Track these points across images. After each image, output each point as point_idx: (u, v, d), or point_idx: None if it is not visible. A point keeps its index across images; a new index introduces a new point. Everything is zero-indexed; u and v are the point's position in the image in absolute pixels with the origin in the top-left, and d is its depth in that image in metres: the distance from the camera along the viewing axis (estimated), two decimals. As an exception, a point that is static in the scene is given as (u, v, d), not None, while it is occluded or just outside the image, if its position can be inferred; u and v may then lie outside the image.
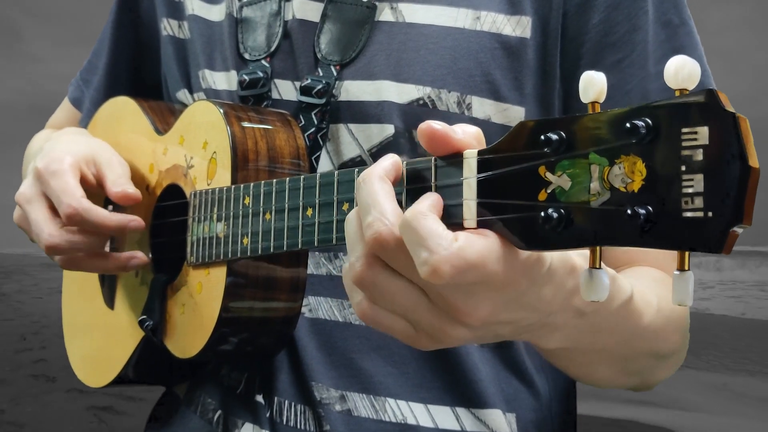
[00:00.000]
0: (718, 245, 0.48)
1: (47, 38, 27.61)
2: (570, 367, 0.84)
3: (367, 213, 0.60)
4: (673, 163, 0.50)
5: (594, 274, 0.55)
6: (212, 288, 0.90)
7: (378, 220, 0.59)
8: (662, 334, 0.83)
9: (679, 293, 0.51)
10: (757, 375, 7.49)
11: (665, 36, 0.95)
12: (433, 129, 0.61)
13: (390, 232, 0.59)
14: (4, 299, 9.04)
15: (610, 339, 0.75)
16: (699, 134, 0.49)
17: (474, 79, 0.94)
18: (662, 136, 0.51)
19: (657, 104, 0.51)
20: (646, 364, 0.88)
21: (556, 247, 0.56)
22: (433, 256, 0.56)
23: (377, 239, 0.59)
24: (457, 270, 0.56)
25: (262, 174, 0.91)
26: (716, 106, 0.49)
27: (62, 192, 0.96)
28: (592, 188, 0.53)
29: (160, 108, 1.10)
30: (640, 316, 0.76)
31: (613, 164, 0.52)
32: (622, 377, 0.87)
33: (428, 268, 0.56)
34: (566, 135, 0.55)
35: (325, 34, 0.98)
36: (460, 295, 0.60)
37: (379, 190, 0.60)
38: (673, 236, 0.50)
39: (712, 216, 0.48)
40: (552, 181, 0.55)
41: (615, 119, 0.53)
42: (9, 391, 4.61)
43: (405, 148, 0.94)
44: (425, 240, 0.56)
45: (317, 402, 0.95)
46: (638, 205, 0.51)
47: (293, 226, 0.79)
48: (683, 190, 0.49)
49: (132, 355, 1.05)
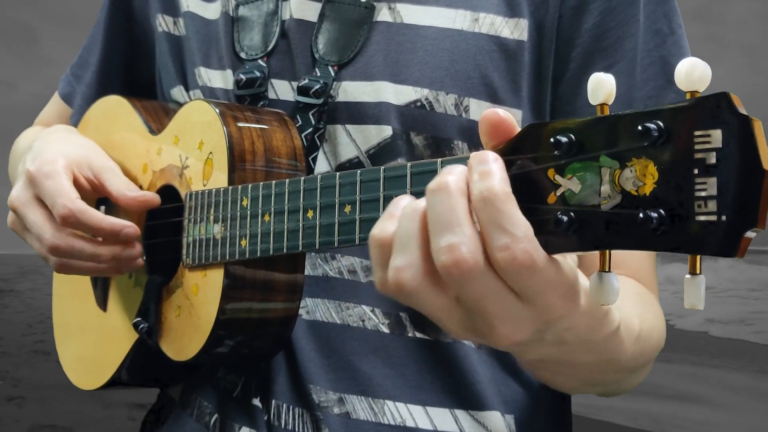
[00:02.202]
0: (731, 249, 0.48)
1: (64, 42, 27.67)
2: (539, 374, 0.85)
3: (448, 231, 0.57)
4: (685, 166, 0.50)
5: (604, 278, 0.55)
6: (209, 290, 0.89)
7: (463, 244, 0.56)
8: (639, 355, 0.83)
9: (691, 296, 0.51)
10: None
11: (654, 45, 0.95)
12: (499, 117, 0.59)
13: (475, 261, 0.56)
14: (18, 295, 11.40)
15: (586, 359, 0.74)
16: (712, 137, 0.49)
17: (472, 81, 0.93)
18: (674, 139, 0.50)
19: (669, 107, 0.51)
20: (614, 378, 0.88)
21: (566, 251, 0.55)
22: (515, 242, 0.55)
23: (458, 265, 0.56)
24: (532, 261, 0.55)
25: (259, 174, 0.90)
26: (730, 108, 0.48)
27: (56, 193, 0.95)
28: (603, 191, 0.53)
29: (153, 107, 1.09)
30: (621, 343, 0.75)
31: (625, 167, 0.52)
32: (588, 387, 0.88)
33: (508, 254, 0.55)
34: (576, 137, 0.54)
35: (323, 34, 0.97)
36: (507, 317, 0.58)
37: (463, 208, 0.57)
38: (686, 240, 0.49)
39: (726, 220, 0.48)
40: (561, 184, 0.55)
41: (626, 122, 0.52)
42: (13, 360, 6.85)
43: (402, 150, 0.94)
44: (506, 223, 0.55)
45: (315, 405, 0.95)
46: (650, 208, 0.51)
47: (293, 228, 0.78)
48: (696, 193, 0.49)
49: (126, 357, 1.04)
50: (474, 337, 0.61)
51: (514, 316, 0.59)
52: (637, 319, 0.81)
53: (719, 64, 21.16)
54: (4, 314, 9.93)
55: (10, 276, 13.90)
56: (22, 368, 6.44)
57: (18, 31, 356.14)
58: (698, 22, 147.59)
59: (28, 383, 5.82)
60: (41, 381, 5.56)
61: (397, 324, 0.95)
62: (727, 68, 52.95)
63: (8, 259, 18.25)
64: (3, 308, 10.46)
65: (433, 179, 0.58)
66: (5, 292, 12.13)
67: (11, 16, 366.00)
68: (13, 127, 5.17)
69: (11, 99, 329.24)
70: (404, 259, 0.59)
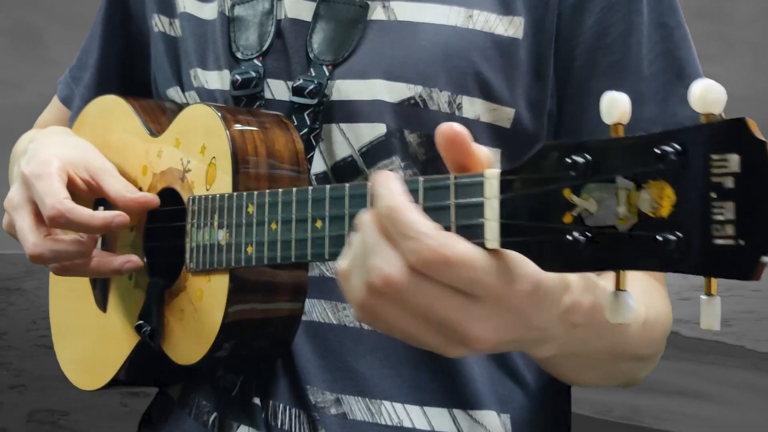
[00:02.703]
0: (749, 273, 0.49)
1: (69, 42, 27.23)
2: (560, 371, 0.86)
3: (370, 256, 0.62)
4: (702, 190, 0.50)
5: (620, 297, 0.56)
6: (214, 295, 0.90)
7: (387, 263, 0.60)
8: (646, 341, 0.86)
9: (708, 318, 0.52)
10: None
11: (659, 37, 0.95)
12: (454, 131, 0.62)
13: (400, 272, 0.60)
14: (24, 293, 12.07)
15: (599, 346, 0.77)
16: (729, 162, 0.49)
17: (465, 78, 0.93)
18: (691, 162, 0.51)
19: (686, 130, 0.51)
20: (629, 367, 0.90)
21: (581, 269, 0.56)
22: (419, 244, 0.59)
23: (387, 282, 0.60)
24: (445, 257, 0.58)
25: (263, 179, 0.90)
26: (747, 134, 0.49)
27: (45, 194, 0.94)
28: (620, 212, 0.53)
29: (151, 107, 1.08)
30: (627, 326, 0.78)
31: (641, 189, 0.53)
32: (607, 380, 0.90)
33: (417, 257, 0.59)
34: (593, 158, 0.55)
35: (318, 34, 0.97)
36: (472, 320, 0.61)
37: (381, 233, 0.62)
38: (703, 263, 0.50)
39: (744, 244, 0.49)
40: (578, 204, 0.55)
41: (643, 144, 0.53)
42: (17, 353, 7.34)
43: (396, 148, 0.94)
44: (410, 228, 0.59)
45: (312, 406, 0.95)
46: (668, 230, 0.51)
47: (301, 238, 0.78)
48: (714, 217, 0.50)
49: (127, 359, 1.04)
50: (462, 349, 0.63)
51: (475, 317, 0.61)
52: (643, 306, 0.83)
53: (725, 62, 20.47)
54: (10, 311, 10.55)
55: (18, 275, 14.57)
56: (25, 360, 6.91)
57: (24, 32, 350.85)
58: (704, 20, 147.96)
59: (29, 374, 6.29)
60: (42, 372, 5.97)
61: None
62: (732, 66, 53.48)
63: (16, 259, 18.81)
64: (9, 305, 11.07)
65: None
66: (12, 291, 12.72)
67: (17, 17, 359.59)
68: (19, 126, 5.29)
69: (17, 99, 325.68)
70: (350, 286, 0.64)
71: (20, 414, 5.14)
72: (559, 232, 0.56)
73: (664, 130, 0.52)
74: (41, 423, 4.97)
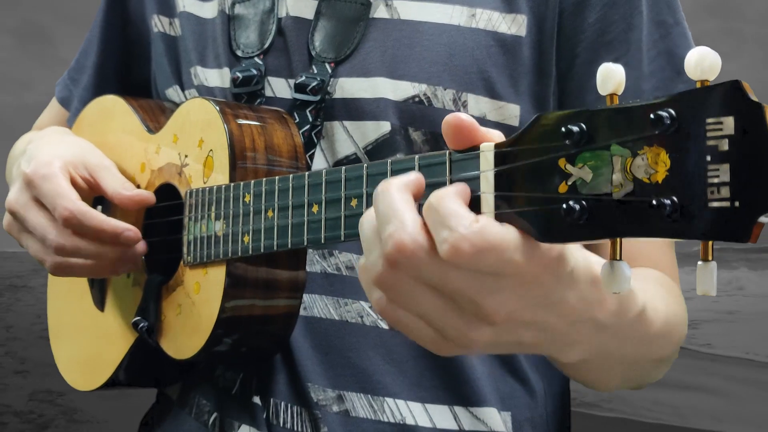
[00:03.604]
0: (744, 235, 0.48)
1: (78, 42, 27.47)
2: (587, 377, 0.84)
3: (387, 223, 0.60)
4: (697, 154, 0.50)
5: (615, 266, 0.55)
6: (211, 288, 0.89)
7: (399, 230, 0.59)
8: (666, 340, 0.84)
9: (704, 283, 0.51)
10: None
11: (659, 35, 0.95)
12: (460, 120, 0.61)
13: (412, 240, 0.59)
14: (30, 291, 12.57)
15: (623, 349, 0.76)
16: (724, 124, 0.49)
17: (470, 76, 0.94)
18: (686, 127, 0.51)
19: (681, 95, 0.51)
20: (646, 369, 0.89)
21: (578, 239, 0.56)
22: (453, 234, 0.57)
23: (399, 248, 0.59)
24: (477, 249, 0.56)
25: (260, 172, 0.90)
26: (742, 96, 0.49)
27: (56, 195, 0.95)
28: (615, 180, 0.53)
29: (149, 106, 1.08)
30: (650, 324, 0.76)
31: (636, 155, 0.52)
32: (623, 383, 0.88)
33: (448, 246, 0.57)
34: (587, 127, 0.54)
35: (320, 32, 0.98)
36: (486, 293, 0.59)
37: (398, 199, 0.60)
38: (699, 226, 0.50)
39: (739, 206, 0.48)
40: (573, 173, 0.55)
41: (638, 111, 0.53)
42: (22, 343, 7.95)
43: (401, 146, 0.94)
44: (446, 219, 0.57)
45: (313, 404, 0.94)
46: (663, 195, 0.51)
47: (298, 223, 0.78)
48: (709, 180, 0.49)
49: (124, 357, 1.03)
50: (476, 325, 0.61)
51: (492, 288, 0.59)
52: (662, 303, 0.81)
53: (736, 58, 19.63)
54: (17, 306, 11.23)
55: (24, 273, 14.94)
56: (29, 349, 7.55)
57: (33, 32, 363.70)
58: (716, 17, 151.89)
59: (32, 361, 6.98)
60: (43, 360, 6.54)
61: None
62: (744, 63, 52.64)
63: (23, 257, 19.49)
64: (17, 301, 11.79)
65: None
66: (19, 288, 13.31)
67: (26, 17, 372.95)
68: (27, 126, 5.21)
69: (27, 99, 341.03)
70: (372, 256, 0.62)
71: (23, 394, 6.06)
72: (555, 202, 0.55)
73: (659, 96, 0.52)
74: (41, 401, 5.82)
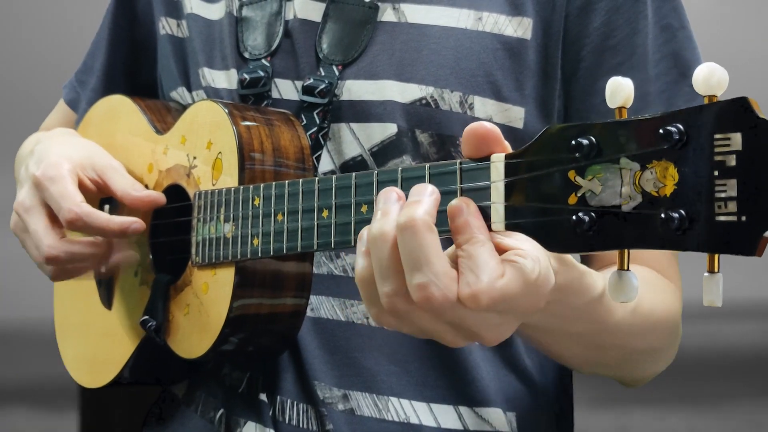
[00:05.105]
0: (751, 249, 0.50)
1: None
2: (540, 346, 0.90)
3: (417, 270, 0.61)
4: (705, 168, 0.51)
5: (623, 276, 0.56)
6: (219, 288, 0.90)
7: (432, 283, 0.61)
8: (637, 331, 0.87)
9: (710, 294, 0.53)
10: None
11: (664, 39, 0.97)
12: (487, 130, 0.63)
13: (444, 296, 0.61)
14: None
15: (576, 328, 0.80)
16: (732, 140, 0.51)
17: (476, 79, 0.95)
18: (694, 142, 0.52)
19: (689, 110, 0.52)
20: (621, 358, 0.92)
21: (585, 250, 0.57)
22: (478, 284, 0.60)
23: (429, 300, 0.61)
24: (493, 302, 0.60)
25: (268, 174, 0.91)
26: (749, 113, 0.50)
27: (61, 197, 0.96)
28: (623, 192, 0.54)
29: (157, 107, 1.09)
30: (609, 313, 0.80)
31: (645, 169, 0.54)
32: (598, 367, 0.93)
33: (469, 291, 0.60)
34: (597, 140, 0.56)
35: (327, 34, 0.99)
36: (487, 327, 0.65)
37: (429, 244, 0.61)
38: (706, 240, 0.51)
39: (746, 220, 0.50)
40: (582, 185, 0.56)
41: (647, 125, 0.54)
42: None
43: (407, 148, 0.95)
44: (477, 268, 0.60)
45: (320, 401, 0.96)
46: (671, 209, 0.52)
47: (308, 227, 0.79)
48: (716, 194, 0.51)
49: (131, 356, 1.04)
50: (467, 342, 0.67)
51: (493, 324, 0.65)
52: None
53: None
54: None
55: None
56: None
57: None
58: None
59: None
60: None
61: None
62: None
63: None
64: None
65: (402, 212, 0.62)
66: None
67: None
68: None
69: None
70: (389, 287, 0.63)
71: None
72: (564, 213, 0.57)
73: (668, 111, 0.53)
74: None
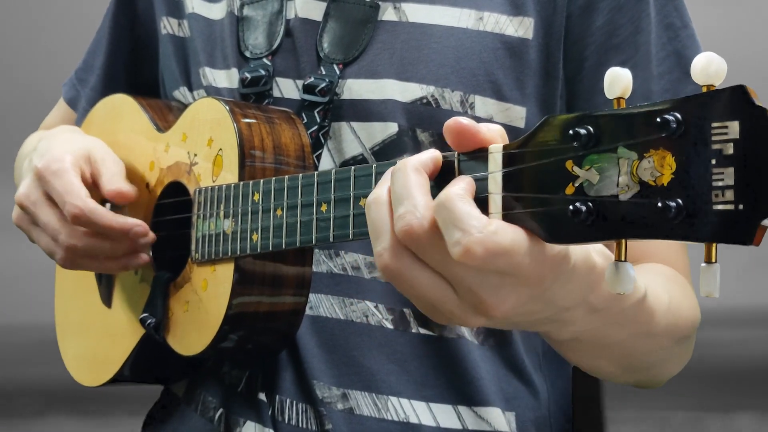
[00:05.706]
0: (748, 238, 0.49)
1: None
2: (575, 358, 0.85)
3: (400, 204, 0.61)
4: (703, 157, 0.51)
5: (620, 267, 0.56)
6: (218, 285, 0.90)
7: (410, 212, 0.60)
8: (671, 331, 0.85)
9: (707, 285, 0.53)
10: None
11: (667, 38, 0.97)
12: (461, 124, 0.62)
13: (421, 225, 0.60)
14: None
15: (619, 334, 0.77)
16: (729, 128, 0.50)
17: (477, 78, 0.95)
18: (692, 131, 0.52)
19: (687, 99, 0.52)
20: (650, 360, 0.89)
21: (584, 240, 0.57)
22: (467, 237, 0.57)
23: (408, 231, 0.60)
24: (489, 253, 0.57)
25: (269, 171, 0.91)
26: (747, 101, 0.50)
27: (66, 192, 0.96)
28: (621, 182, 0.54)
29: (158, 105, 1.10)
30: (651, 314, 0.77)
31: (642, 158, 0.53)
32: (627, 374, 0.89)
33: (461, 248, 0.57)
34: (594, 130, 0.56)
35: (328, 33, 0.99)
36: (488, 288, 0.61)
37: (414, 182, 0.61)
38: (704, 229, 0.51)
39: (743, 209, 0.49)
40: (580, 175, 0.56)
41: (644, 114, 0.54)
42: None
43: (408, 147, 0.96)
44: (460, 221, 0.58)
45: (319, 401, 0.96)
46: (668, 198, 0.52)
47: (307, 221, 0.79)
48: (713, 183, 0.50)
49: (130, 354, 1.04)
50: (473, 314, 0.63)
51: (493, 285, 0.61)
52: (666, 294, 0.82)
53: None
54: None
55: None
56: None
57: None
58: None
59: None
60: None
61: (401, 320, 0.96)
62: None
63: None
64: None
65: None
66: None
67: None
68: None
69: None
70: (381, 244, 0.63)
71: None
72: (562, 203, 0.56)
73: (665, 100, 0.53)
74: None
